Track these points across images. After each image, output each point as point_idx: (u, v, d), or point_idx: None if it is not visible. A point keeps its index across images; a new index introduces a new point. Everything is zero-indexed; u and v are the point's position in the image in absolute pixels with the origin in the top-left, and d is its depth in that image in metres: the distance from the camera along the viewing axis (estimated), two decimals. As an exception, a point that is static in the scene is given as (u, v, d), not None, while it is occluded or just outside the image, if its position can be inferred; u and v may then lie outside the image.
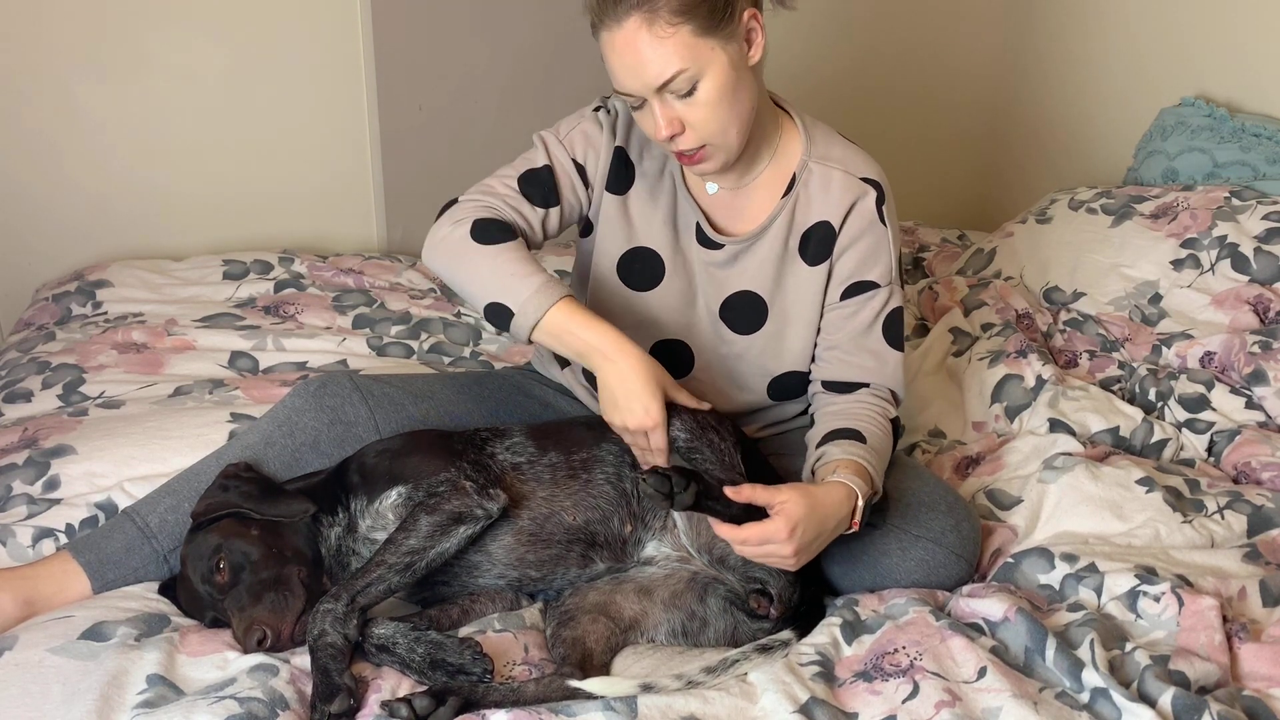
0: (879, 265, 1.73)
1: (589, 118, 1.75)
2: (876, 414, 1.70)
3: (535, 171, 1.72)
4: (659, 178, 1.75)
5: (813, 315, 1.76)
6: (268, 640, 1.48)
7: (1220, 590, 1.58)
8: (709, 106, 1.56)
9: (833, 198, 1.71)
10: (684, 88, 1.55)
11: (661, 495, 1.39)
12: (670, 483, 1.39)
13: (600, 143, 1.74)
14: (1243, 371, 2.08)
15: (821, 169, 1.72)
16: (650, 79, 1.53)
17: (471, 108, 2.95)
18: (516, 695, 1.42)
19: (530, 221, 1.71)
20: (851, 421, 1.67)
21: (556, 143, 1.74)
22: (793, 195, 1.73)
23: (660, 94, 1.55)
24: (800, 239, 1.74)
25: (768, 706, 1.40)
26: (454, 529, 1.55)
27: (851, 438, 1.64)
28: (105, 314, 2.47)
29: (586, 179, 1.75)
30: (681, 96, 1.55)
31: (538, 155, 1.74)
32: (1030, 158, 3.37)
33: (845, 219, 1.71)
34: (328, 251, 2.81)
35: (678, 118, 1.57)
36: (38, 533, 1.73)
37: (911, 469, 1.79)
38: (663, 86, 1.54)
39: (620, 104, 1.75)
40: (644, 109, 1.59)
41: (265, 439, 1.73)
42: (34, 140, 2.66)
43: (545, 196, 1.72)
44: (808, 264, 1.74)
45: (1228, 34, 2.70)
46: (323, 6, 2.76)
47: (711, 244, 1.75)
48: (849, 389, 1.73)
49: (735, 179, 1.73)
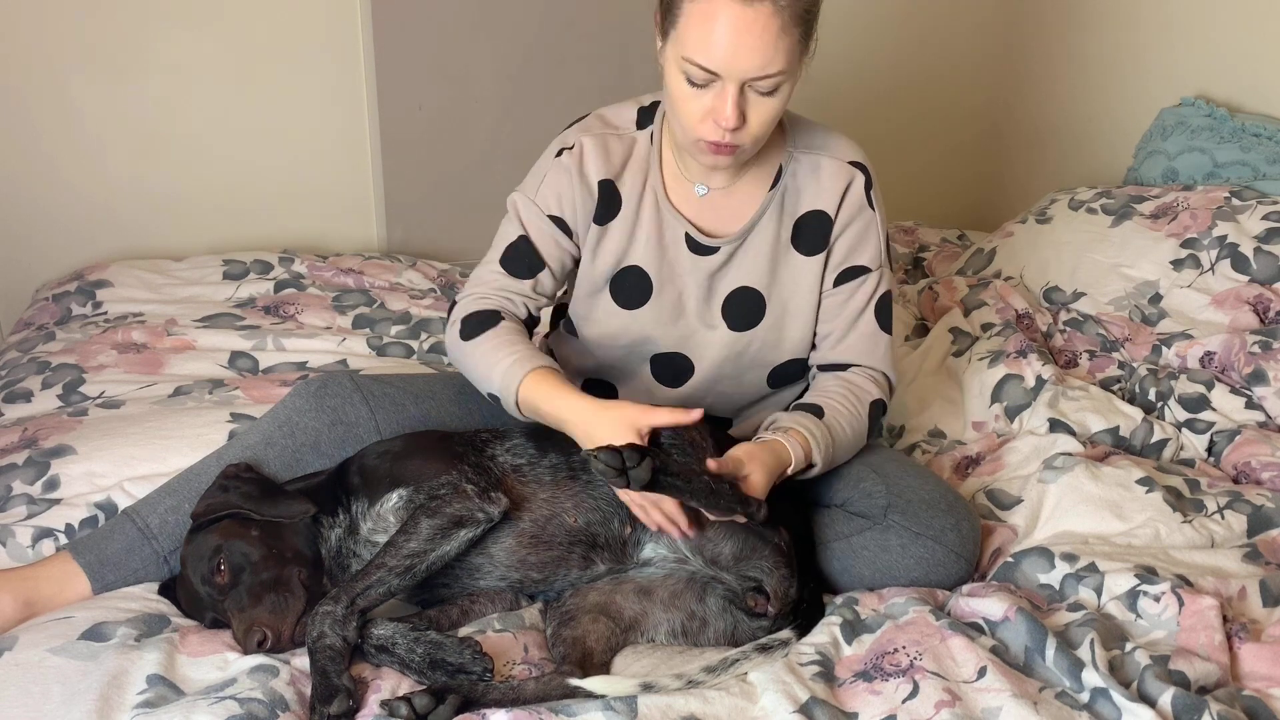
0: (869, 249, 1.76)
1: (556, 166, 1.74)
2: (850, 393, 1.72)
3: (513, 246, 1.75)
4: (641, 196, 1.75)
5: (811, 304, 1.77)
6: (268, 641, 1.48)
7: (1220, 590, 1.58)
8: (774, 111, 1.58)
9: (824, 185, 1.73)
10: (770, 88, 1.55)
11: (614, 471, 1.39)
12: (622, 458, 1.39)
13: (575, 189, 1.73)
14: (1243, 371, 2.08)
15: (808, 157, 1.74)
16: (752, 68, 1.52)
17: (471, 108, 2.95)
18: (516, 694, 1.42)
19: (522, 294, 1.74)
20: (818, 398, 1.72)
21: (529, 204, 1.75)
22: (780, 186, 1.74)
23: (745, 84, 1.54)
24: (792, 229, 1.75)
25: (768, 706, 1.40)
26: (455, 532, 1.54)
27: (810, 411, 1.68)
28: (105, 314, 2.47)
29: (568, 229, 1.75)
30: (762, 94, 1.56)
31: (511, 228, 1.76)
32: (1030, 158, 3.36)
33: (840, 206, 1.73)
34: (328, 251, 2.81)
35: (745, 110, 1.56)
36: (38, 533, 1.73)
37: (912, 468, 1.79)
38: (756, 79, 1.53)
39: (589, 139, 1.73)
40: (705, 89, 1.56)
41: (265, 439, 1.73)
42: (34, 140, 2.66)
43: (530, 266, 1.75)
44: (802, 254, 1.75)
45: (1228, 34, 2.70)
46: (323, 6, 2.76)
47: (704, 249, 1.75)
48: (842, 369, 1.77)
49: (726, 178, 1.74)
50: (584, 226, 1.75)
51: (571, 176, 1.72)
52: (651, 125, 1.76)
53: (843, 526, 1.69)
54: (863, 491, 1.70)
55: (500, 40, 2.93)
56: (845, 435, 1.69)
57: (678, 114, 1.61)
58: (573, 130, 1.77)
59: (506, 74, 2.95)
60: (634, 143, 1.76)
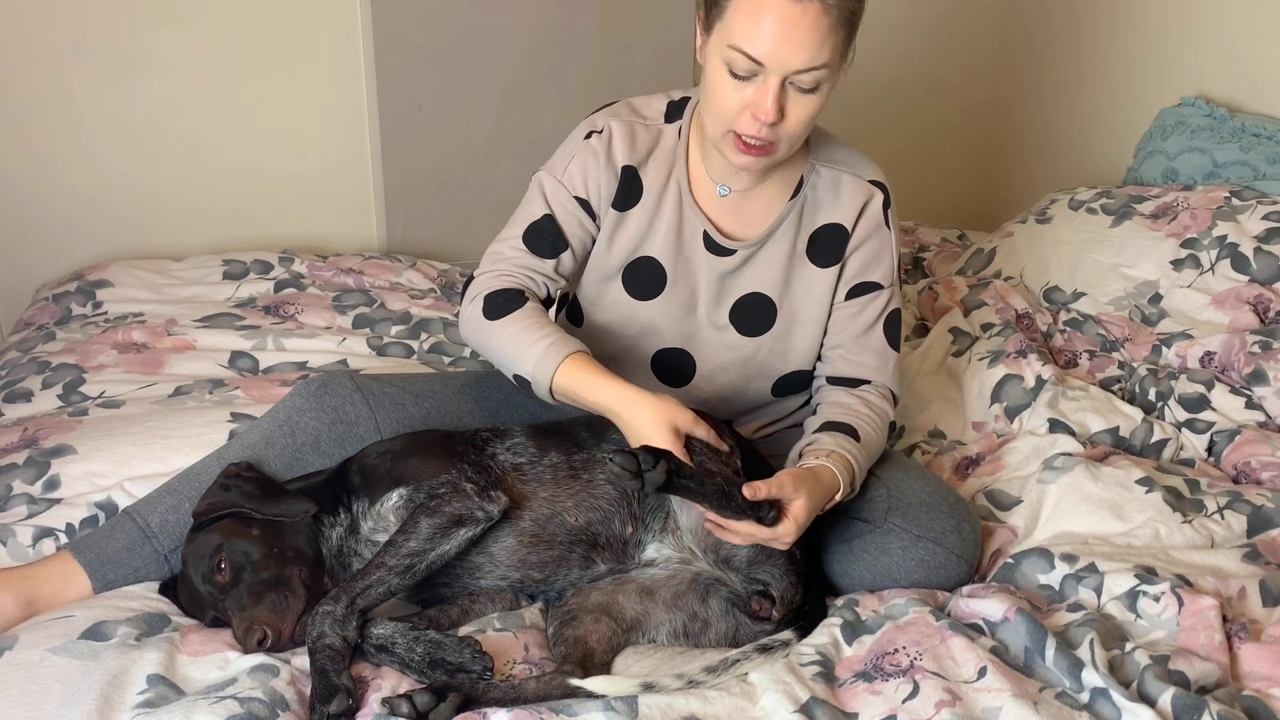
0: (883, 266, 1.77)
1: (584, 148, 1.74)
2: (875, 415, 1.73)
3: (536, 224, 1.74)
4: (664, 188, 1.75)
5: (820, 316, 1.78)
6: (268, 640, 1.48)
7: (1220, 590, 1.58)
8: (811, 111, 1.58)
9: (843, 200, 1.75)
10: (811, 84, 1.55)
11: (629, 474, 1.39)
12: (638, 461, 1.39)
13: (601, 171, 1.73)
14: (1243, 371, 2.08)
15: (830, 172, 1.75)
16: (797, 61, 1.52)
17: (471, 108, 2.95)
18: (517, 692, 1.42)
19: (544, 273, 1.73)
20: (850, 418, 1.70)
21: (555, 183, 1.74)
22: (800, 197, 1.75)
23: (787, 79, 1.54)
24: (809, 240, 1.76)
25: (768, 706, 1.40)
26: (455, 531, 1.54)
27: (846, 433, 1.67)
28: (105, 314, 2.47)
29: (592, 211, 1.75)
30: (803, 90, 1.56)
31: (536, 205, 1.74)
32: (1030, 158, 3.37)
33: (857, 222, 1.75)
34: (328, 251, 2.81)
35: (784, 106, 1.56)
36: (38, 532, 1.73)
37: (913, 469, 1.79)
38: (799, 72, 1.53)
39: (617, 124, 1.74)
40: (748, 81, 1.56)
41: (266, 439, 1.73)
42: (34, 140, 2.66)
43: (553, 244, 1.74)
44: (816, 265, 1.76)
45: (1228, 34, 2.71)
46: (323, 6, 2.75)
47: (722, 250, 1.75)
48: (853, 384, 1.77)
49: (750, 181, 1.74)
50: (605, 210, 1.75)
51: (599, 159, 1.72)
52: (680, 120, 1.76)
53: (843, 530, 1.69)
54: (863, 494, 1.70)
55: (500, 40, 2.93)
56: (872, 457, 1.70)
57: (715, 106, 1.60)
58: (601, 114, 1.76)
59: (506, 74, 2.95)
60: (660, 134, 1.76)
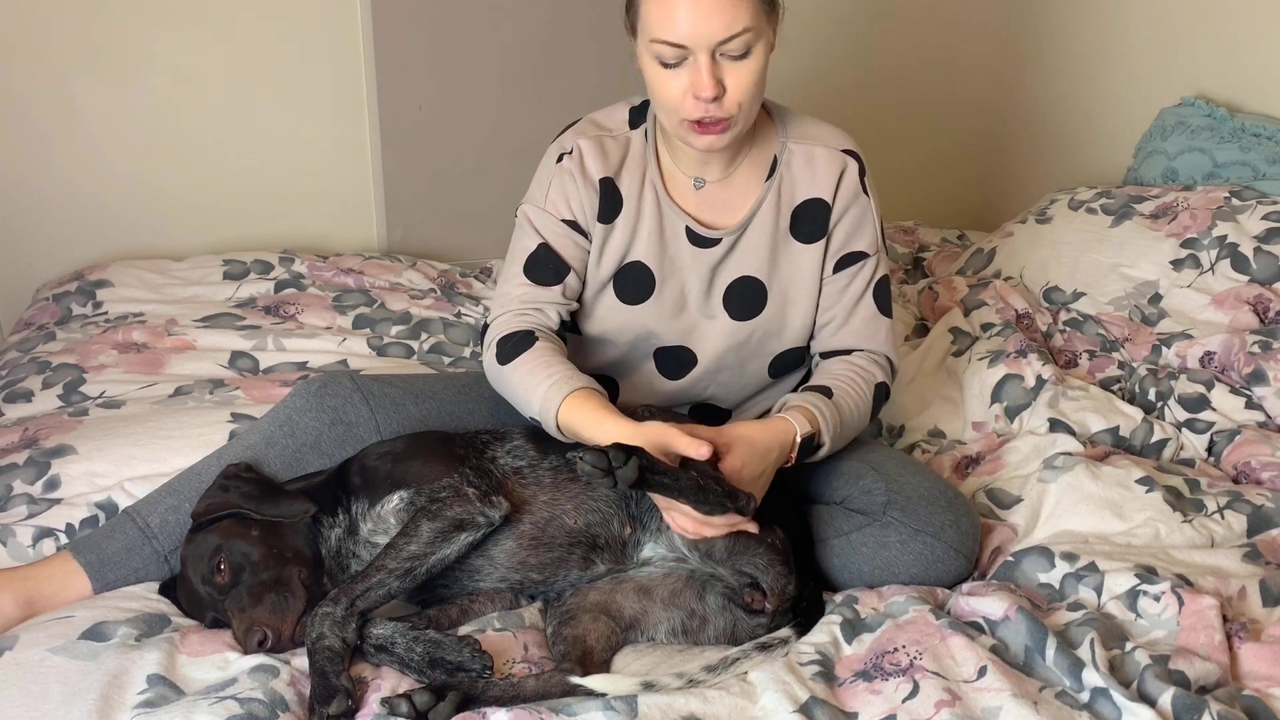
0: (866, 234, 1.79)
1: (559, 171, 1.75)
2: (857, 376, 1.75)
3: (534, 256, 1.75)
4: (640, 192, 1.76)
5: (811, 291, 1.79)
6: (268, 641, 1.48)
7: (1220, 590, 1.58)
8: (754, 74, 1.59)
9: (819, 174, 1.76)
10: (740, 50, 1.56)
11: (600, 472, 1.39)
12: (608, 459, 1.39)
13: (580, 190, 1.74)
14: (1242, 371, 2.08)
15: (801, 148, 1.76)
16: (716, 31, 1.54)
17: (471, 108, 2.95)
18: (516, 691, 1.42)
19: (553, 301, 1.74)
20: (826, 379, 1.73)
21: (540, 212, 1.76)
22: (776, 176, 1.76)
23: (715, 52, 1.56)
24: (790, 218, 1.77)
25: (768, 706, 1.40)
26: (456, 536, 1.55)
27: (818, 391, 1.70)
28: (105, 314, 2.47)
29: (581, 229, 1.76)
30: (734, 58, 1.57)
31: (529, 239, 1.76)
32: (1030, 158, 3.37)
33: (836, 193, 1.76)
34: (328, 251, 2.81)
35: (722, 79, 1.57)
36: (38, 533, 1.74)
37: (911, 465, 1.79)
38: (723, 42, 1.55)
39: (585, 141, 1.75)
40: (680, 67, 1.58)
41: (266, 439, 1.73)
42: (34, 140, 2.66)
43: (555, 271, 1.75)
44: (801, 242, 1.78)
45: (1228, 34, 2.70)
46: (323, 6, 2.76)
47: (706, 241, 1.76)
48: (845, 354, 1.79)
49: (721, 169, 1.75)
50: (593, 226, 1.76)
51: (576, 178, 1.74)
52: (644, 124, 1.78)
53: (842, 523, 1.69)
54: (862, 488, 1.70)
55: (500, 40, 2.93)
56: (852, 415, 1.71)
57: (660, 100, 1.63)
58: (568, 134, 1.78)
59: (506, 74, 2.95)
60: (629, 142, 1.77)
